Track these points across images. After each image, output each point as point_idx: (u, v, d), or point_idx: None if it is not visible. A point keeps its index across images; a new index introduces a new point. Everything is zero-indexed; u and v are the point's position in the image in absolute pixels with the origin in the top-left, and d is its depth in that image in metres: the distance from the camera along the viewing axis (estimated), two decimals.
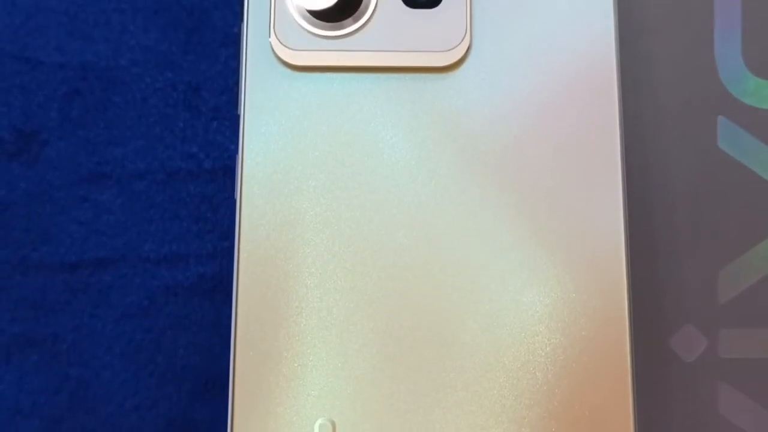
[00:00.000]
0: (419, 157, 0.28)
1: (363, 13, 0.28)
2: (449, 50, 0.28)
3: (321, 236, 0.27)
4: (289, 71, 0.28)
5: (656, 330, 0.31)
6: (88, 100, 0.34)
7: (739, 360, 0.31)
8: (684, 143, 0.32)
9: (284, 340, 0.27)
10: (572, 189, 0.27)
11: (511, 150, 0.28)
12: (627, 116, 0.29)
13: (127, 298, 0.33)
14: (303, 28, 0.28)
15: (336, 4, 0.28)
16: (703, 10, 0.32)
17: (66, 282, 0.33)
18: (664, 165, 0.32)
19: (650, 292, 0.31)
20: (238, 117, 0.28)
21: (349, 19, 0.28)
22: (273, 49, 0.28)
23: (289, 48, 0.28)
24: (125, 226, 0.33)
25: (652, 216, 0.31)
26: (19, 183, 0.33)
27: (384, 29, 0.28)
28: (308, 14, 0.28)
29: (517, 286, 0.27)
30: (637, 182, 0.31)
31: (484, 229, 0.27)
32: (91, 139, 0.34)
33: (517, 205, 0.27)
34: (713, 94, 0.32)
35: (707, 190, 0.32)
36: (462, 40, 0.28)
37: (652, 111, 0.32)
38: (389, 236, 0.27)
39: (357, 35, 0.28)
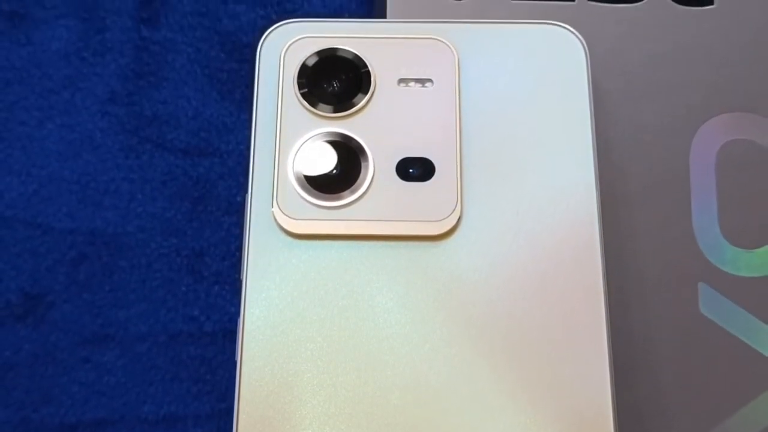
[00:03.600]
0: (413, 321, 0.28)
1: (360, 186, 0.30)
2: (441, 220, 0.29)
3: (318, 398, 0.28)
4: (290, 239, 0.29)
5: None
6: (95, 265, 0.35)
7: None
8: (667, 310, 0.32)
9: None
10: (560, 354, 0.28)
11: (501, 316, 0.28)
12: (611, 284, 0.30)
13: None
14: (303, 198, 0.29)
15: (335, 177, 0.30)
16: (681, 184, 0.34)
17: None
18: (649, 331, 0.32)
19: None
20: (239, 281, 0.29)
21: (347, 191, 0.30)
22: (275, 218, 0.29)
23: (290, 217, 0.29)
24: (125, 388, 0.33)
25: (638, 381, 0.32)
26: (24, 344, 0.34)
27: (379, 200, 0.29)
28: (309, 186, 0.30)
29: None
30: (623, 348, 0.31)
31: (476, 391, 0.28)
32: (96, 301, 0.34)
33: (507, 368, 0.28)
34: (693, 263, 0.33)
35: (692, 354, 0.32)
36: (453, 210, 0.29)
37: (635, 279, 0.32)
38: (384, 399, 0.28)
39: (354, 206, 0.29)
